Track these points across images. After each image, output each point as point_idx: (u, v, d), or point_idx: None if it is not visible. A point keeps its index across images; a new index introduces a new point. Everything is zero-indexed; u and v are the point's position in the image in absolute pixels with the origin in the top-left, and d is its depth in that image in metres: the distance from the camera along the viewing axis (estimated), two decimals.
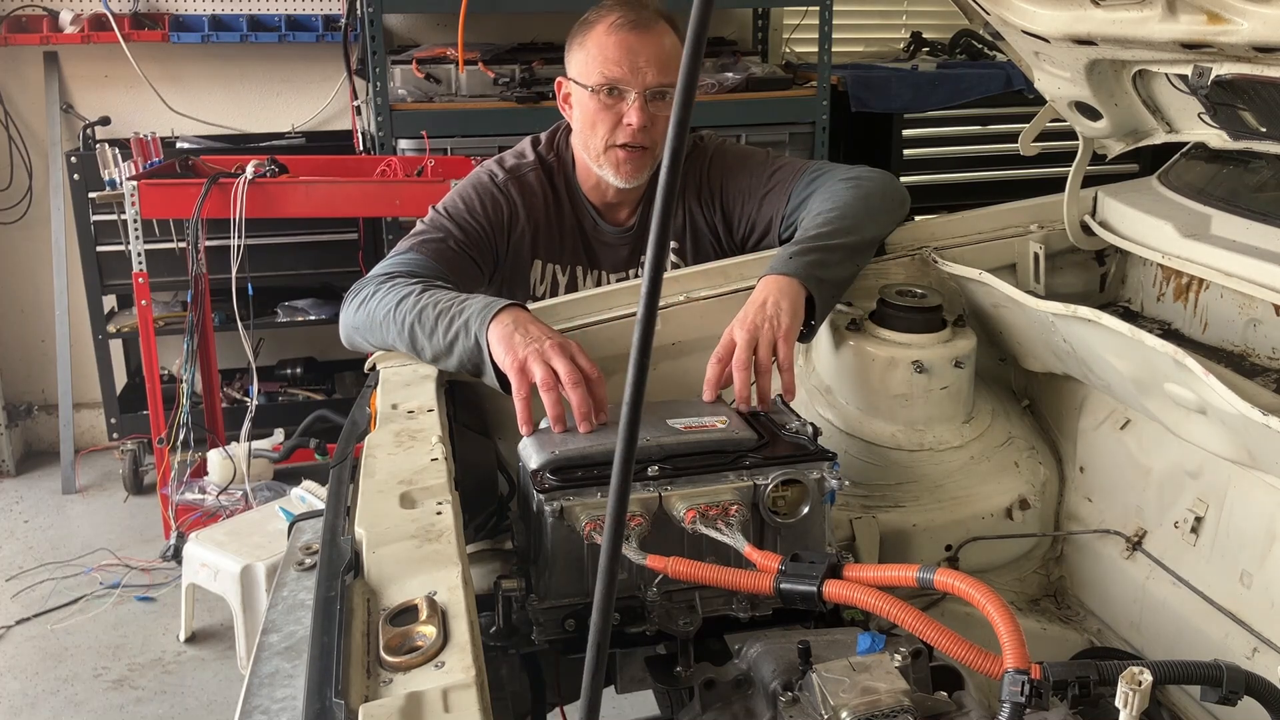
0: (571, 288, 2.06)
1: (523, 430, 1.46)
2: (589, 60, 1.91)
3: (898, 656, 1.16)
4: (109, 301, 4.08)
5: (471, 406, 1.70)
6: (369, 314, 1.72)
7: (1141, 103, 1.76)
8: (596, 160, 1.96)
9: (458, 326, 1.58)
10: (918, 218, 2.08)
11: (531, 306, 1.75)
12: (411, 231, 1.93)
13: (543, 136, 2.09)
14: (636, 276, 2.09)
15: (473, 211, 1.96)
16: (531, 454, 1.40)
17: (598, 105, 1.91)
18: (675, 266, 1.98)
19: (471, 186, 2.00)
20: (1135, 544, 1.69)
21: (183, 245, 3.54)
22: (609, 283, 2.07)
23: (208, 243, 3.50)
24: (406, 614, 1.02)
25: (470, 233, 1.93)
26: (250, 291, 3.43)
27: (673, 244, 2.07)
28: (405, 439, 1.40)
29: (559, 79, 2.01)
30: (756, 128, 3.98)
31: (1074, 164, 1.92)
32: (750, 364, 1.56)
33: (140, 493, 4.01)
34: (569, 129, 2.04)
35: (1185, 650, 1.56)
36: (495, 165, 2.04)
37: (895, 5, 5.07)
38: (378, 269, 1.82)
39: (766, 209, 2.00)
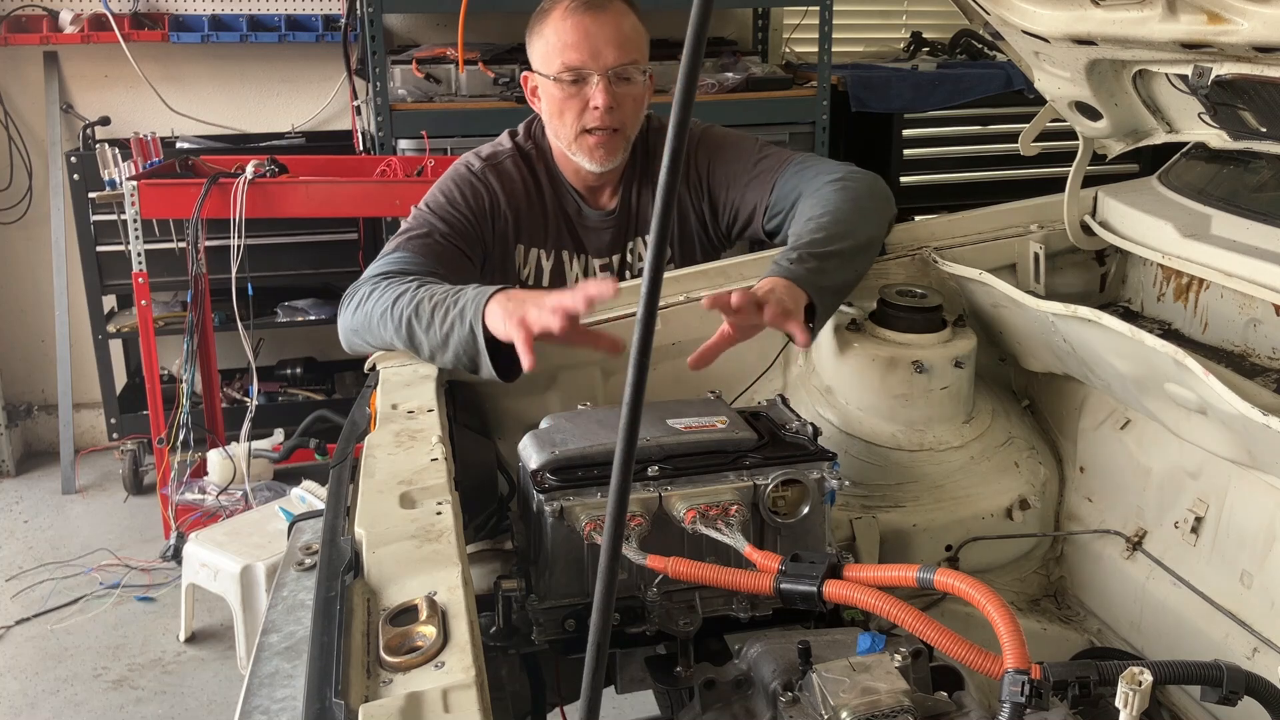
0: (558, 272, 2.07)
1: (525, 366, 1.45)
2: (548, 49, 1.91)
3: (898, 656, 1.16)
4: (109, 301, 4.08)
5: (471, 406, 1.70)
6: (366, 315, 1.72)
7: (1141, 103, 1.76)
8: (569, 148, 1.97)
9: (453, 317, 1.58)
10: (918, 218, 2.08)
11: None
12: (398, 231, 1.93)
13: (519, 127, 2.10)
14: (622, 261, 2.10)
15: (454, 203, 1.96)
16: (531, 454, 1.40)
17: (562, 93, 1.91)
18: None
19: (450, 180, 2.01)
20: (1135, 544, 1.69)
21: (183, 245, 3.54)
22: (595, 268, 2.08)
23: (208, 243, 3.50)
24: (406, 614, 1.02)
25: (455, 224, 1.94)
26: (250, 291, 3.44)
27: None
28: (405, 439, 1.40)
29: (524, 74, 2.02)
30: (756, 128, 3.96)
31: (1074, 164, 1.92)
32: (752, 303, 1.54)
33: (140, 493, 4.00)
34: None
35: (1185, 650, 1.56)
36: (472, 156, 2.05)
37: (895, 5, 5.07)
38: (370, 270, 1.82)
39: (750, 196, 2.00)
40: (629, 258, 2.10)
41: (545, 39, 1.92)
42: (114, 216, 3.63)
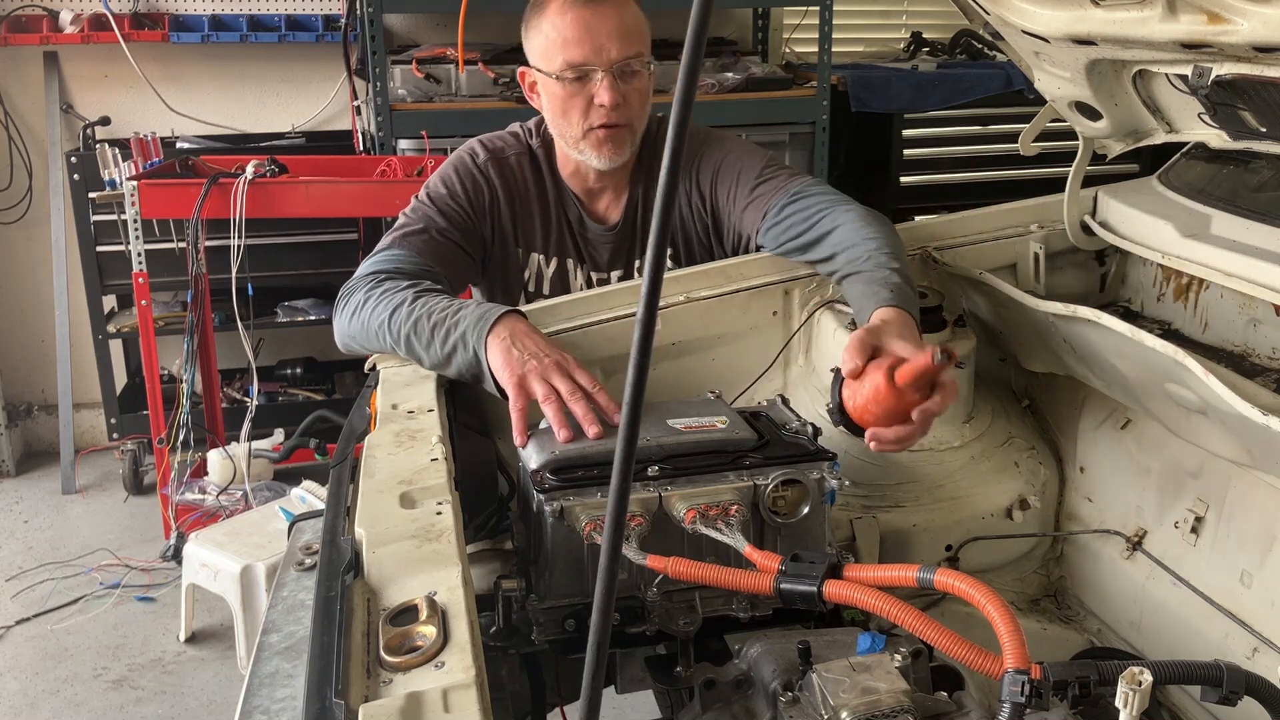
0: (560, 279, 2.02)
1: (517, 443, 1.46)
2: (548, 45, 1.83)
3: (898, 656, 1.16)
4: (109, 301, 4.08)
5: (471, 406, 1.70)
6: (363, 324, 1.69)
7: (1141, 103, 1.76)
8: (575, 146, 1.89)
9: (455, 339, 1.56)
10: (918, 218, 2.08)
11: (533, 307, 1.74)
12: (395, 225, 1.88)
13: (531, 124, 2.03)
14: (625, 278, 2.04)
15: (454, 194, 1.91)
16: (531, 454, 1.40)
17: (565, 91, 1.84)
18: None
19: (453, 167, 1.96)
20: (1135, 544, 1.69)
21: (183, 245, 3.54)
22: (595, 282, 2.03)
23: (208, 243, 3.50)
24: (406, 614, 1.02)
25: (453, 218, 1.89)
26: (250, 291, 3.44)
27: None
28: (405, 439, 1.40)
29: (521, 70, 1.94)
30: (756, 128, 3.97)
31: (1074, 164, 1.92)
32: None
33: (140, 493, 4.00)
34: None
35: (1185, 650, 1.56)
36: (478, 144, 1.98)
37: (895, 5, 5.07)
38: (364, 268, 1.78)
39: (748, 220, 1.91)
40: (635, 275, 2.02)
41: (543, 34, 1.84)
42: (114, 216, 3.63)
